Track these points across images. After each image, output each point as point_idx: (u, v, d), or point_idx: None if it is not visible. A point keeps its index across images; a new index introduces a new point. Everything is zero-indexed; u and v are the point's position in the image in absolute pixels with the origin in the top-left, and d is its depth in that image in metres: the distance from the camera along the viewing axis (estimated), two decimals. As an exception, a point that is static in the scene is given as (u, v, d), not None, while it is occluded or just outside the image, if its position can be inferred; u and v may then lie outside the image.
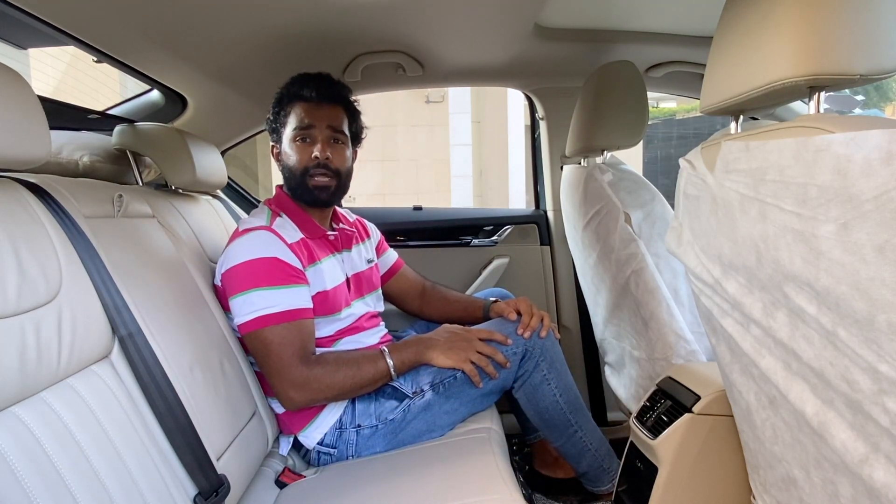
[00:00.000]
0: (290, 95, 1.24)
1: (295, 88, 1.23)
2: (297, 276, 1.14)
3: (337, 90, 1.26)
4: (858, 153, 0.47)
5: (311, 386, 1.09)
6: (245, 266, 1.11)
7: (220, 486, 0.85)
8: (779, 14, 0.59)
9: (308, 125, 1.21)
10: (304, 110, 1.22)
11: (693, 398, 0.99)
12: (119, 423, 0.72)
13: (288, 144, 1.23)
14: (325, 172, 1.22)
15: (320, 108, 1.23)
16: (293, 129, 1.22)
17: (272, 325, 1.09)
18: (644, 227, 1.33)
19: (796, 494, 0.70)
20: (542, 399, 1.23)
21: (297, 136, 1.22)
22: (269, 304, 1.09)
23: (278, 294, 1.10)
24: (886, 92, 5.11)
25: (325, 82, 1.25)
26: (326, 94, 1.24)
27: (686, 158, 0.80)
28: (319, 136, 1.22)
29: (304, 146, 1.22)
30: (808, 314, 0.56)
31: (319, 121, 1.22)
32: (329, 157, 1.21)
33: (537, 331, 1.22)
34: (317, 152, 1.20)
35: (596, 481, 1.32)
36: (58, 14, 0.93)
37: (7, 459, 0.57)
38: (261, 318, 1.08)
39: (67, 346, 0.68)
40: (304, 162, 1.21)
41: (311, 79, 1.24)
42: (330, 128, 1.23)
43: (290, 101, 1.24)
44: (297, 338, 1.10)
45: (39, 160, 0.68)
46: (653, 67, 1.64)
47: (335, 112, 1.25)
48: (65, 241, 0.73)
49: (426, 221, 1.90)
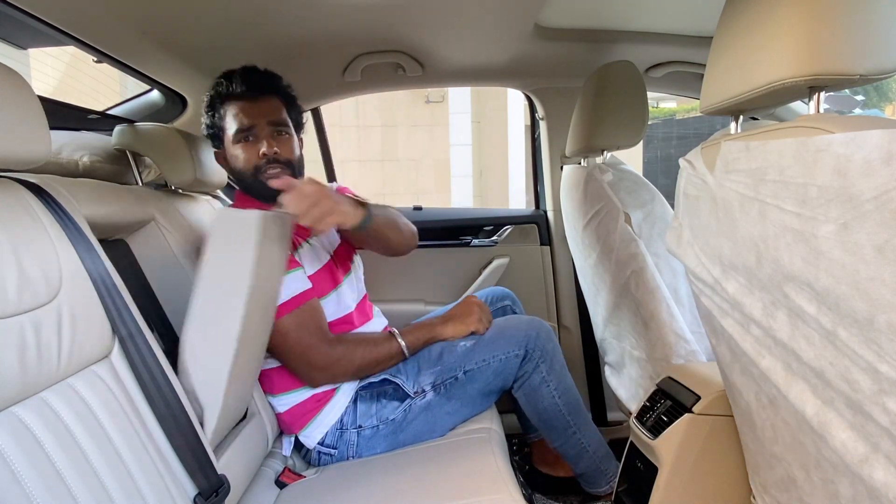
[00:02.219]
0: (221, 96, 1.18)
1: (224, 87, 1.17)
2: (291, 260, 1.14)
3: (269, 80, 1.21)
4: (858, 153, 0.47)
5: (334, 367, 1.13)
6: None
7: (220, 487, 0.85)
8: (779, 14, 0.59)
9: (248, 126, 1.16)
10: (240, 109, 1.17)
11: (693, 398, 0.99)
12: (119, 423, 0.72)
13: (232, 147, 1.19)
14: (276, 165, 1.17)
15: (256, 103, 1.17)
16: (234, 131, 1.17)
17: (285, 314, 1.09)
18: (644, 227, 1.33)
19: (796, 494, 0.70)
20: (540, 400, 1.24)
21: (239, 138, 1.17)
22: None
23: (285, 280, 1.10)
24: (886, 92, 5.11)
25: (254, 75, 1.19)
26: (258, 87, 1.18)
27: (686, 158, 0.80)
28: (262, 132, 1.17)
29: (249, 145, 1.17)
30: (808, 314, 0.56)
31: (258, 117, 1.16)
32: (277, 150, 1.16)
33: (537, 332, 1.23)
34: (263, 149, 1.15)
35: (593, 483, 1.32)
36: (58, 14, 0.93)
37: (7, 459, 0.57)
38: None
39: (67, 346, 0.68)
40: (253, 161, 1.17)
41: (239, 74, 1.18)
42: (271, 123, 1.17)
43: (223, 102, 1.18)
44: (312, 320, 1.12)
45: (39, 160, 0.68)
46: (653, 67, 1.64)
47: (272, 104, 1.19)
48: (65, 241, 0.73)
49: (426, 221, 1.90)
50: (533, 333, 1.22)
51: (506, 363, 1.21)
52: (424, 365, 1.21)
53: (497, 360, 1.20)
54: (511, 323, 1.26)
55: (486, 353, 1.21)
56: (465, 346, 1.23)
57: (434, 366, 1.21)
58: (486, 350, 1.21)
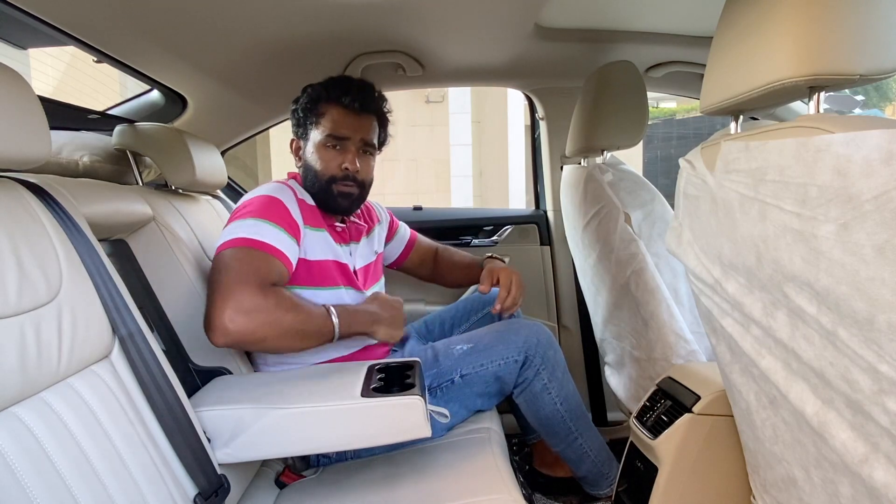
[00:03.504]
0: (329, 97, 1.20)
1: (336, 92, 1.20)
2: (292, 226, 1.09)
3: (377, 102, 1.25)
4: (858, 153, 0.47)
5: (257, 315, 0.94)
6: (249, 202, 1.10)
7: (220, 487, 0.85)
8: (779, 14, 0.59)
9: (343, 136, 1.19)
10: (342, 117, 1.19)
11: (693, 398, 0.99)
12: (119, 423, 0.72)
13: (316, 146, 1.20)
14: (351, 182, 1.20)
15: (358, 118, 1.21)
16: (326, 134, 1.19)
17: (241, 246, 1.01)
18: (644, 227, 1.33)
19: (796, 494, 0.70)
20: (542, 407, 1.23)
21: (329, 143, 1.19)
22: (250, 232, 1.03)
23: (266, 228, 1.05)
24: (886, 92, 5.11)
25: (368, 93, 1.23)
26: (367, 105, 1.22)
27: (686, 158, 0.80)
28: (352, 146, 1.20)
29: (335, 153, 1.20)
30: (808, 314, 0.56)
31: (355, 132, 1.20)
32: (358, 168, 1.20)
33: (538, 338, 1.21)
34: (347, 164, 1.19)
35: (594, 485, 1.32)
36: (58, 14, 0.93)
37: (7, 459, 0.57)
38: (235, 240, 1.02)
39: (67, 345, 0.68)
40: (333, 170, 1.19)
41: (355, 86, 1.21)
42: (363, 140, 1.21)
43: (328, 102, 1.20)
44: (262, 265, 1.00)
45: (39, 160, 0.68)
46: (653, 67, 1.64)
47: (370, 123, 1.23)
48: (65, 241, 0.73)
49: (426, 221, 1.90)
50: (533, 340, 1.21)
51: (504, 368, 1.19)
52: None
53: (495, 364, 1.19)
54: (511, 327, 1.25)
55: (483, 358, 1.20)
56: (461, 349, 1.22)
57: (429, 369, 1.21)
58: (484, 354, 1.20)
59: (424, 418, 0.91)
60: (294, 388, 0.96)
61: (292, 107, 1.26)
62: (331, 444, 0.94)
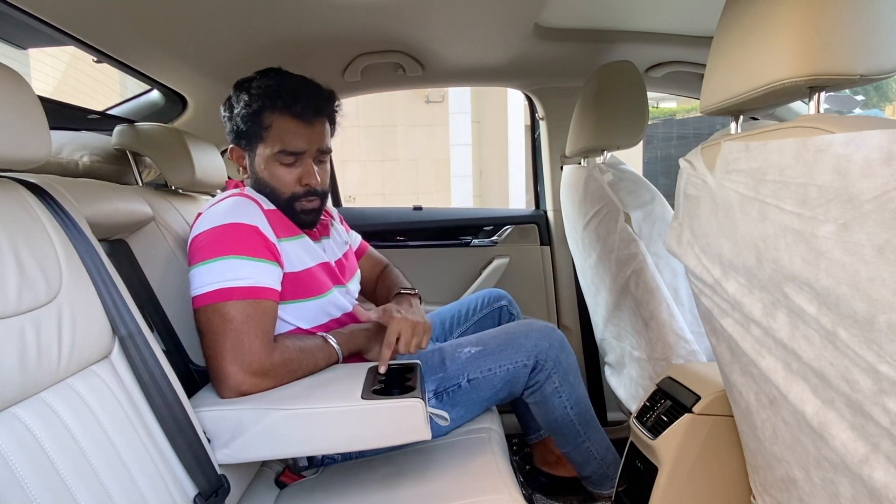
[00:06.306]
0: (275, 105, 1.07)
1: (285, 99, 1.06)
2: (272, 251, 1.02)
3: (329, 104, 1.14)
4: (858, 153, 0.47)
5: (267, 378, 0.95)
6: (219, 230, 0.99)
7: (220, 487, 0.85)
8: (779, 14, 0.59)
9: (299, 151, 1.08)
10: (295, 129, 1.07)
11: (693, 398, 0.99)
12: (119, 423, 0.72)
13: (267, 162, 1.09)
14: (313, 195, 1.11)
15: (311, 127, 1.09)
16: (278, 150, 1.07)
17: (237, 299, 0.95)
18: (644, 227, 1.33)
19: (796, 494, 0.70)
20: (552, 410, 1.22)
21: (284, 161, 1.08)
22: (237, 275, 0.96)
23: (249, 266, 0.98)
24: (886, 92, 5.11)
25: (318, 96, 1.11)
26: (319, 110, 1.10)
27: (686, 158, 0.80)
28: (309, 158, 1.10)
29: (292, 169, 1.09)
30: (808, 314, 0.56)
31: (311, 143, 1.09)
32: (319, 181, 1.11)
33: (549, 342, 1.19)
34: (308, 179, 1.09)
35: (598, 485, 1.32)
36: (58, 14, 0.93)
37: (7, 459, 0.57)
38: (225, 290, 0.95)
39: (67, 346, 0.68)
40: (292, 188, 1.09)
41: (303, 90, 1.09)
42: (319, 150, 1.11)
43: (274, 112, 1.07)
44: (262, 319, 0.97)
45: (39, 160, 0.68)
46: (653, 67, 1.64)
47: (323, 129, 1.12)
48: (65, 241, 0.73)
49: (426, 221, 1.90)
50: (544, 344, 1.18)
51: (513, 373, 1.17)
52: (426, 371, 1.17)
53: (504, 369, 1.17)
54: (520, 330, 1.22)
55: (491, 362, 1.17)
56: (469, 352, 1.19)
57: (436, 372, 1.18)
58: (492, 359, 1.17)
59: (424, 421, 0.90)
60: (294, 389, 0.96)
61: (223, 112, 1.13)
62: (330, 446, 0.94)
